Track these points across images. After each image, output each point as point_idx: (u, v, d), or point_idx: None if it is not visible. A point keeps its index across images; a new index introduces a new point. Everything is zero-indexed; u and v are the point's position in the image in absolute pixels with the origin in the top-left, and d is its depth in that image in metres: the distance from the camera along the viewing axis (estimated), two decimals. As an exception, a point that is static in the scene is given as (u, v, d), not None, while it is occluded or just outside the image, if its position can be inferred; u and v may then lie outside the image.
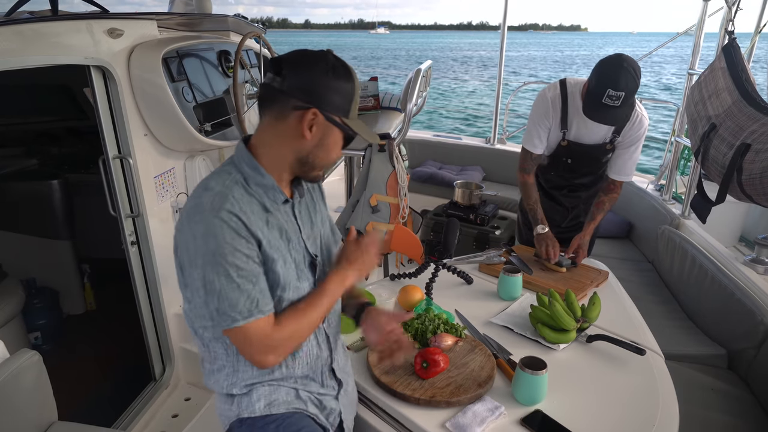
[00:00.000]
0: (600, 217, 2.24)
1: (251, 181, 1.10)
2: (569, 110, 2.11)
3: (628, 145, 2.12)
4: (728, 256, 2.48)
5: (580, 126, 2.11)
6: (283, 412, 1.20)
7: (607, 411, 1.32)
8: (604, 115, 1.90)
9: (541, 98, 2.15)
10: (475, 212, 3.55)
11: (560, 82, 2.13)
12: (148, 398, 2.40)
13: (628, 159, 2.14)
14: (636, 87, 1.86)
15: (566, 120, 2.13)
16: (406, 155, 2.83)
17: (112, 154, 2.14)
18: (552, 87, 2.14)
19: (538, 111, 2.16)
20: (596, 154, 2.18)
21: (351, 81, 1.08)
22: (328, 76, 1.06)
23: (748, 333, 2.10)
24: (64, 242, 3.06)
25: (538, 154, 2.23)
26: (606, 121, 1.93)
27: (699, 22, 2.91)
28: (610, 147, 2.13)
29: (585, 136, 2.13)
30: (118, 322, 2.97)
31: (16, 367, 1.43)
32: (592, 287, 1.99)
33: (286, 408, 1.20)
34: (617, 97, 1.83)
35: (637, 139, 2.09)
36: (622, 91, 1.82)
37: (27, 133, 3.67)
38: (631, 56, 1.88)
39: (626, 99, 1.85)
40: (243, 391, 1.19)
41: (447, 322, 1.58)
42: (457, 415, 1.27)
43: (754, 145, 1.79)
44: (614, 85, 1.82)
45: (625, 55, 1.88)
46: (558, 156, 2.26)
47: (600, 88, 1.85)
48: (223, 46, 2.76)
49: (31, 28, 1.70)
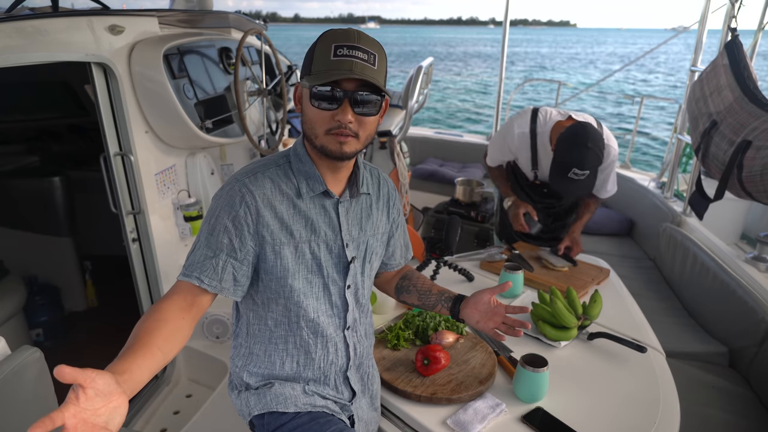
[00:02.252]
0: (587, 217, 2.26)
1: (294, 167, 1.15)
2: (539, 152, 2.13)
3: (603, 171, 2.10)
4: (730, 254, 2.47)
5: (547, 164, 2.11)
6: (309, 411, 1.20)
7: (608, 408, 1.32)
8: (569, 188, 1.91)
9: (509, 132, 2.15)
10: (476, 210, 3.55)
11: (531, 119, 2.11)
12: (150, 395, 2.41)
13: (605, 181, 2.15)
14: (600, 162, 1.89)
15: (536, 160, 2.15)
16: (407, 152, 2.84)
17: (113, 151, 2.14)
18: (521, 123, 2.12)
19: (504, 142, 2.19)
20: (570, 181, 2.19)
21: (317, 42, 1.05)
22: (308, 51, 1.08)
23: (749, 331, 2.10)
24: (66, 239, 3.06)
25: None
26: (571, 193, 1.98)
27: (702, 18, 2.90)
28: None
29: None
30: (119, 319, 2.97)
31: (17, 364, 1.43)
32: (594, 285, 1.99)
33: (295, 404, 1.20)
34: (582, 174, 1.86)
35: (608, 166, 2.09)
36: (588, 170, 1.85)
37: (28, 130, 3.67)
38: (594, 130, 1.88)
39: (591, 174, 1.87)
40: (257, 384, 1.23)
41: (448, 319, 1.58)
42: (458, 412, 1.28)
43: (755, 142, 1.79)
44: (580, 165, 1.84)
45: (589, 132, 1.87)
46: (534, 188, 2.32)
47: (565, 167, 1.87)
48: (224, 43, 2.76)
49: (32, 25, 1.70)
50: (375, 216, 1.26)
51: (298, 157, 1.15)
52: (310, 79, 1.03)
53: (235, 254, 1.08)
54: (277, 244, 1.11)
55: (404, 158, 2.75)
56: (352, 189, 1.19)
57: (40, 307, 2.85)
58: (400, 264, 1.42)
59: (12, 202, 3.02)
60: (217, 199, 1.11)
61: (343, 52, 1.02)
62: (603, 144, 1.89)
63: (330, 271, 1.18)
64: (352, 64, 1.01)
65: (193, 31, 2.60)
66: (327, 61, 1.02)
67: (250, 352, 1.24)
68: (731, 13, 2.26)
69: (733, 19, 2.22)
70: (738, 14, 2.23)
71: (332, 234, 1.17)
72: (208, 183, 2.61)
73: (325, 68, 1.02)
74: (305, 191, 1.13)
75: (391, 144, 2.70)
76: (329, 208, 1.16)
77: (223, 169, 2.86)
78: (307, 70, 1.07)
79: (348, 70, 1.01)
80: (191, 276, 1.07)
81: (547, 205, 2.38)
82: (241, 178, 1.11)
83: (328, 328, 1.20)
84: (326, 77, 1.01)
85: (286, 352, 1.22)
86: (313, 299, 1.17)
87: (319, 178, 1.13)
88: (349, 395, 1.29)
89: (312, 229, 1.14)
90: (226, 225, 1.07)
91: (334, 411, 1.22)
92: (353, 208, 1.21)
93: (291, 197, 1.12)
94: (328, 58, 1.02)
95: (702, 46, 2.93)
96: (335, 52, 1.02)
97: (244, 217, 1.07)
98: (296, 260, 1.13)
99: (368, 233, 1.24)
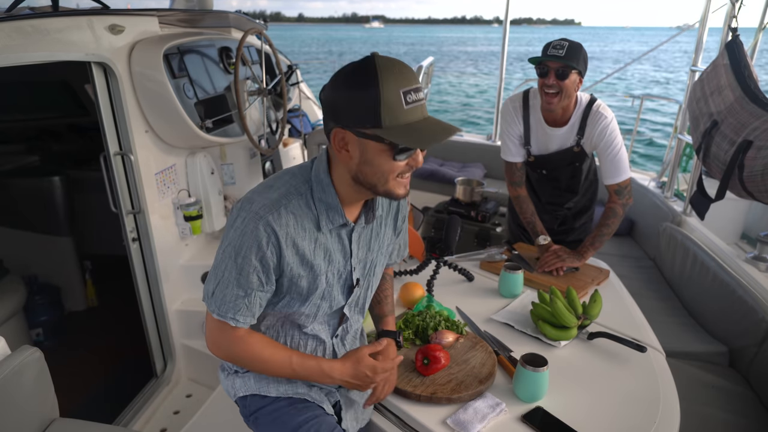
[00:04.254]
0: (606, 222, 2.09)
1: (316, 195, 1.09)
2: (531, 123, 2.12)
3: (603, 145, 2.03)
4: (730, 254, 2.47)
5: (540, 137, 2.12)
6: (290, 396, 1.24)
7: (608, 408, 1.32)
8: (552, 60, 1.92)
9: (505, 109, 2.18)
10: (476, 209, 3.55)
11: (523, 93, 2.14)
12: (150, 394, 2.41)
13: (612, 159, 2.03)
14: (579, 48, 1.91)
15: (528, 134, 2.14)
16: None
17: (113, 151, 2.14)
18: (515, 98, 2.16)
19: (505, 121, 2.18)
20: (567, 158, 2.15)
21: (372, 86, 0.95)
22: (345, 88, 0.98)
23: (749, 330, 2.10)
24: (66, 239, 3.07)
25: (519, 163, 2.23)
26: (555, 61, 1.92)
27: (702, 18, 2.90)
28: (578, 149, 2.10)
29: (548, 145, 2.14)
30: (119, 319, 2.98)
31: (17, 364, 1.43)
32: (594, 285, 1.98)
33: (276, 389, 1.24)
34: (561, 46, 1.89)
35: (605, 134, 2.01)
36: (566, 43, 1.90)
37: (28, 130, 3.67)
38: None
39: (570, 48, 1.90)
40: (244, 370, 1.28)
41: (448, 319, 1.58)
42: (458, 412, 1.27)
43: (756, 142, 1.79)
44: (556, 44, 1.91)
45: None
46: (532, 170, 2.29)
47: (543, 50, 1.94)
48: (224, 43, 2.76)
49: (32, 25, 1.70)
50: (382, 233, 1.26)
51: (321, 187, 1.09)
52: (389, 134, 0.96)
53: (262, 288, 1.10)
54: (295, 277, 1.11)
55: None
56: (368, 215, 1.18)
57: (40, 307, 2.85)
58: (395, 262, 1.44)
59: (12, 202, 3.02)
60: (242, 235, 1.04)
61: (412, 99, 0.97)
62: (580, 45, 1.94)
63: (336, 294, 1.20)
64: (422, 109, 1.00)
65: (193, 31, 2.60)
66: (401, 111, 0.96)
67: None
68: (732, 13, 2.26)
69: (733, 19, 2.22)
70: (738, 14, 2.23)
71: (343, 260, 1.17)
72: (208, 182, 2.61)
73: (404, 121, 0.97)
74: (325, 224, 1.10)
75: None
76: (344, 236, 1.16)
77: (222, 168, 2.86)
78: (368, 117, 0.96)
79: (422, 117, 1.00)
80: (226, 317, 1.10)
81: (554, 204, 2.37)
82: (265, 215, 1.04)
83: (320, 334, 1.25)
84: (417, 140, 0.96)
85: None
86: (312, 318, 1.21)
87: (340, 211, 1.10)
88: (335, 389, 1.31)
89: (329, 260, 1.14)
90: (255, 266, 1.06)
91: (315, 399, 1.25)
92: (365, 232, 1.20)
93: (312, 231, 1.10)
94: (402, 108, 0.96)
95: (702, 45, 2.93)
96: (406, 99, 0.97)
97: (270, 257, 1.06)
98: (310, 289, 1.15)
99: (374, 251, 1.24)
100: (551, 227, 2.39)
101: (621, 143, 2.04)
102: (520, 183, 2.26)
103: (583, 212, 2.42)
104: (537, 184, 2.37)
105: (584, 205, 2.41)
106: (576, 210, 2.40)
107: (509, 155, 2.22)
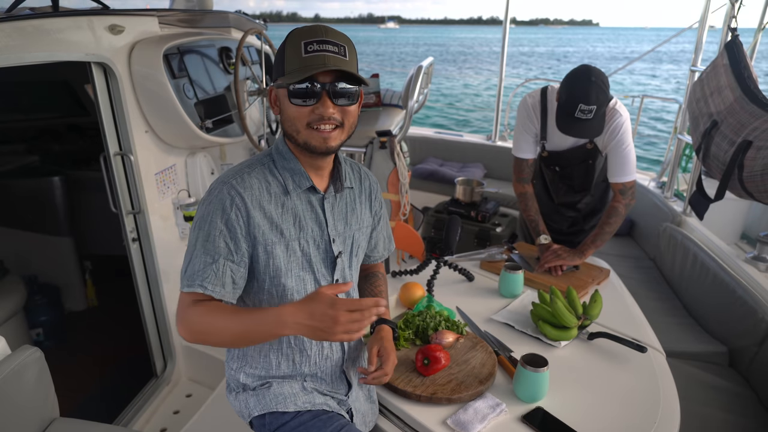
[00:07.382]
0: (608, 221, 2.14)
1: (278, 164, 1.15)
2: (548, 120, 2.12)
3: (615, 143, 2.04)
4: (730, 254, 2.47)
5: (556, 134, 2.10)
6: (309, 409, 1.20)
7: (608, 408, 1.32)
8: (578, 129, 1.91)
9: (523, 105, 2.17)
10: (476, 209, 3.55)
11: (541, 90, 2.13)
12: (150, 394, 2.41)
13: (622, 157, 2.06)
14: (606, 99, 1.89)
15: (545, 130, 2.14)
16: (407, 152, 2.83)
17: (113, 151, 2.14)
18: (533, 94, 2.15)
19: (521, 117, 2.18)
20: (581, 155, 2.16)
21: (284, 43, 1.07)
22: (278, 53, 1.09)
23: (749, 330, 2.10)
24: (66, 239, 3.06)
25: (530, 160, 2.23)
26: (580, 134, 1.93)
27: (702, 18, 2.90)
28: (591, 146, 2.11)
29: (564, 141, 2.14)
30: (119, 319, 2.98)
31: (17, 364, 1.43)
32: (594, 285, 1.99)
33: (294, 403, 1.20)
34: (589, 111, 1.84)
35: (618, 131, 2.02)
36: (594, 105, 1.84)
37: (28, 130, 3.66)
38: (597, 68, 1.90)
39: (598, 111, 1.86)
40: (254, 385, 1.23)
41: (448, 319, 1.58)
42: (458, 412, 1.28)
43: (756, 142, 1.79)
44: (585, 100, 1.83)
45: (592, 68, 1.89)
46: (545, 167, 2.28)
47: (571, 104, 1.86)
48: (224, 43, 2.75)
49: (32, 25, 1.69)
50: (359, 210, 1.28)
51: (282, 155, 1.16)
52: (286, 79, 1.05)
53: (232, 257, 1.08)
54: (269, 244, 1.11)
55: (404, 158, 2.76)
56: (336, 184, 1.21)
57: (40, 307, 2.85)
58: (383, 256, 1.44)
59: (12, 202, 3.02)
60: (207, 204, 1.10)
61: (313, 48, 1.03)
62: (607, 79, 1.89)
63: (319, 266, 1.20)
64: (325, 57, 1.02)
65: (193, 31, 2.60)
66: (300, 59, 1.03)
67: (244, 354, 1.24)
68: (731, 13, 2.26)
69: (733, 19, 2.22)
70: (738, 14, 2.23)
71: (318, 230, 1.18)
72: (208, 183, 2.60)
73: (299, 66, 1.03)
74: (292, 188, 1.14)
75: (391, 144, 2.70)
76: (315, 204, 1.18)
77: (223, 168, 2.86)
78: (279, 71, 1.07)
79: (322, 64, 1.02)
80: (194, 285, 1.06)
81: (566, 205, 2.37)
82: (228, 180, 1.10)
83: None
84: (302, 74, 1.02)
85: (281, 352, 1.22)
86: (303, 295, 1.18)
87: (304, 174, 1.15)
88: (345, 389, 1.30)
89: (300, 226, 1.15)
90: (221, 229, 1.07)
91: (333, 408, 1.23)
92: (338, 204, 1.22)
93: (279, 195, 1.13)
94: (300, 56, 1.03)
95: (702, 45, 2.93)
96: (306, 48, 1.03)
97: (236, 219, 1.07)
98: (288, 258, 1.14)
99: (353, 227, 1.26)
100: (561, 228, 2.39)
101: (631, 143, 2.06)
102: (527, 180, 2.26)
103: (594, 214, 2.42)
104: (551, 183, 2.37)
105: (595, 207, 2.41)
106: (587, 211, 2.41)
107: (520, 152, 2.22)
